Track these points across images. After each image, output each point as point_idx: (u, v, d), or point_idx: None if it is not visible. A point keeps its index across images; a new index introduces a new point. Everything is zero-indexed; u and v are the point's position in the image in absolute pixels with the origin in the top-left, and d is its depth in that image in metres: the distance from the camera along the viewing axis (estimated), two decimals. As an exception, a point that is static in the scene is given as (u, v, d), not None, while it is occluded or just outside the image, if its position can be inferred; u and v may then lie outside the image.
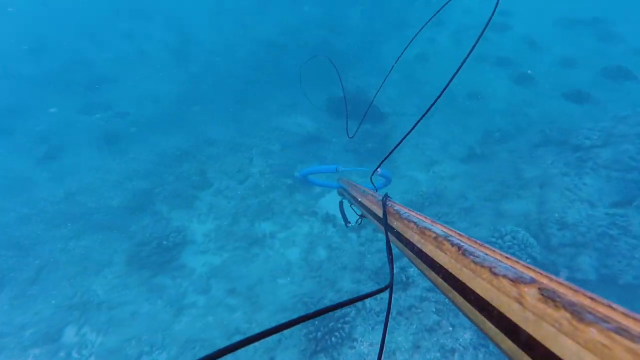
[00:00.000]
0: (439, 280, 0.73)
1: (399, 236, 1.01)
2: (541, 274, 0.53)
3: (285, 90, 13.01)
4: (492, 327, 0.54)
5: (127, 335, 6.63)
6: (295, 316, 0.58)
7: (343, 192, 2.65)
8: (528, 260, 6.16)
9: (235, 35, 17.89)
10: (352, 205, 2.13)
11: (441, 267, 0.72)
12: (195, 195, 9.28)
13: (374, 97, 2.71)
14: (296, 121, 10.23)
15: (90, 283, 7.62)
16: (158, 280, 7.70)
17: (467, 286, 0.62)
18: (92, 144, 11.78)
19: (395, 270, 6.51)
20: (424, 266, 0.81)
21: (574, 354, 0.39)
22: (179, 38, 18.60)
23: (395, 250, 1.06)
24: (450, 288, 0.68)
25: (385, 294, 0.95)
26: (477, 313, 0.58)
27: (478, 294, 0.58)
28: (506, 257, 0.61)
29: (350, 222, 2.56)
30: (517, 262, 0.58)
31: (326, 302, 6.86)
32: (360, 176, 9.41)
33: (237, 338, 3.86)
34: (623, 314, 0.40)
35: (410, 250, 0.91)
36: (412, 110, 12.33)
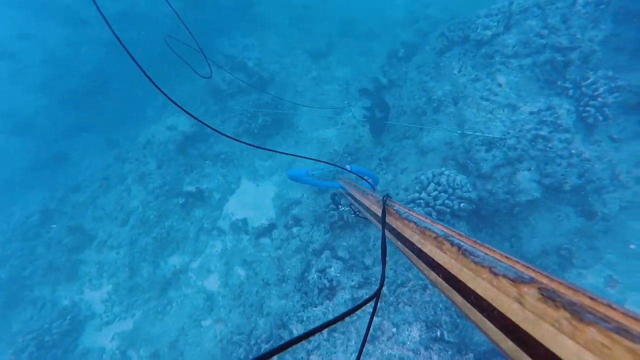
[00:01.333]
0: (439, 280, 0.73)
1: (399, 236, 1.00)
2: (541, 273, 0.53)
3: (148, 90, 10.76)
4: (492, 327, 0.54)
5: None
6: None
7: (343, 192, 2.50)
8: (463, 204, 5.00)
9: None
10: (352, 205, 2.10)
11: (441, 267, 0.72)
12: (77, 259, 7.46)
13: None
14: (167, 125, 8.33)
15: None
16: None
17: (467, 286, 0.61)
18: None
19: (314, 275, 5.21)
20: (424, 266, 0.81)
21: (574, 354, 0.39)
22: None
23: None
24: (450, 288, 0.68)
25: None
26: (477, 313, 0.58)
27: (478, 294, 0.58)
28: (506, 257, 0.61)
29: (342, 205, 2.62)
30: (517, 262, 0.58)
31: (259, 332, 5.58)
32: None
33: None
34: (623, 314, 0.40)
35: (410, 250, 0.90)
36: (303, 58, 10.55)
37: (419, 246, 0.85)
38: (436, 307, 4.43)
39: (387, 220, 1.14)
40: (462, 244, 0.70)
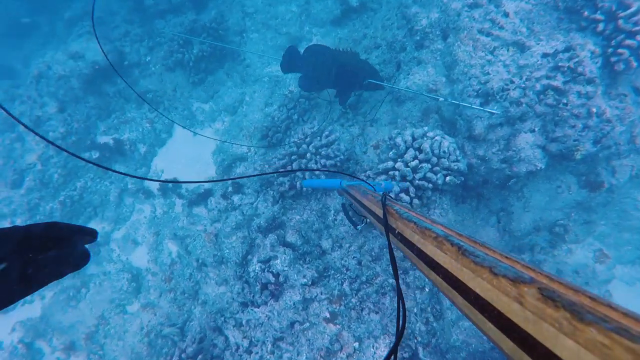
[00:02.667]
0: (439, 280, 0.72)
1: (399, 236, 0.99)
2: (541, 273, 0.53)
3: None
4: (492, 327, 0.54)
5: None
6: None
7: (343, 192, 2.43)
8: (449, 177, 3.84)
9: None
10: (352, 205, 2.04)
11: (441, 267, 0.72)
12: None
13: None
14: (70, 52, 6.24)
15: None
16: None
17: (467, 286, 0.61)
18: None
19: (256, 267, 4.08)
20: (424, 266, 0.81)
21: (574, 354, 0.39)
22: None
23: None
24: (450, 288, 0.68)
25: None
26: (477, 313, 0.58)
27: (478, 294, 0.58)
28: (506, 257, 0.61)
29: (359, 225, 2.32)
30: (517, 262, 0.58)
31: (194, 323, 4.58)
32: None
33: None
34: (623, 313, 0.40)
35: (410, 250, 0.90)
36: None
37: (419, 246, 0.84)
38: (409, 313, 3.47)
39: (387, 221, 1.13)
40: (462, 244, 0.70)
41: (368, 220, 1.83)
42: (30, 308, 5.48)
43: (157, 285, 5.26)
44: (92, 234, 0.84)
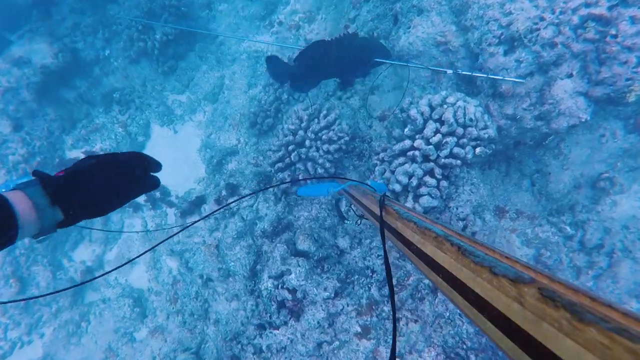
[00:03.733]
0: (439, 280, 0.72)
1: (399, 236, 1.00)
2: (541, 273, 0.53)
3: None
4: (492, 327, 0.54)
5: None
6: None
7: (344, 193, 2.29)
8: (479, 149, 3.21)
9: None
10: (352, 205, 2.06)
11: (441, 267, 0.72)
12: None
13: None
14: (14, 58, 5.27)
15: None
16: None
17: (467, 286, 0.61)
18: None
19: (268, 284, 3.53)
20: (424, 266, 0.81)
21: (574, 354, 0.39)
22: None
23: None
24: (450, 288, 0.68)
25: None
26: (477, 313, 0.58)
27: (478, 294, 0.58)
28: (506, 257, 0.61)
29: (347, 219, 2.49)
30: (517, 262, 0.58)
31: (209, 345, 4.15)
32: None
33: None
34: (623, 313, 0.40)
35: (410, 250, 0.91)
36: None
37: (419, 246, 0.84)
38: (453, 318, 2.95)
39: (386, 220, 1.11)
40: (462, 243, 0.70)
41: (361, 222, 2.04)
42: (30, 349, 5.03)
43: (162, 306, 4.77)
44: (159, 165, 1.15)
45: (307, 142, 3.82)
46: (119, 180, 1.00)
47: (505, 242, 4.16)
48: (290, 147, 3.84)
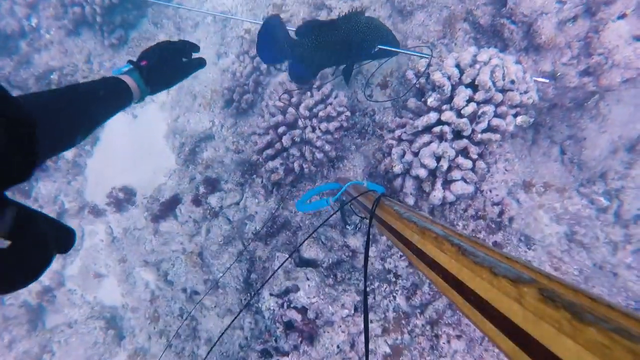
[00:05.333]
0: (439, 280, 0.71)
1: (399, 236, 0.98)
2: (541, 274, 0.52)
3: None
4: (492, 327, 0.53)
5: None
6: None
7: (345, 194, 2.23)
8: (521, 118, 2.57)
9: None
10: (351, 205, 1.95)
11: (441, 267, 0.71)
12: None
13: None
14: None
15: None
16: None
17: (467, 286, 0.60)
18: None
19: (270, 303, 2.87)
20: (424, 266, 0.79)
21: (574, 354, 0.38)
22: None
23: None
24: (450, 288, 0.67)
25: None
26: (477, 313, 0.57)
27: (478, 294, 0.57)
28: (506, 258, 0.60)
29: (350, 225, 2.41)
30: (517, 262, 0.57)
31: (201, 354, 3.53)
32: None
33: None
34: (623, 314, 0.39)
35: (410, 251, 0.89)
36: None
37: (419, 246, 0.83)
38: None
39: (386, 220, 1.11)
40: (462, 244, 0.68)
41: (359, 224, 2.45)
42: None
43: (142, 324, 4.07)
44: (196, 45, 1.65)
45: (301, 122, 3.07)
46: (177, 61, 1.57)
47: (533, 219, 3.63)
48: (281, 129, 3.07)
